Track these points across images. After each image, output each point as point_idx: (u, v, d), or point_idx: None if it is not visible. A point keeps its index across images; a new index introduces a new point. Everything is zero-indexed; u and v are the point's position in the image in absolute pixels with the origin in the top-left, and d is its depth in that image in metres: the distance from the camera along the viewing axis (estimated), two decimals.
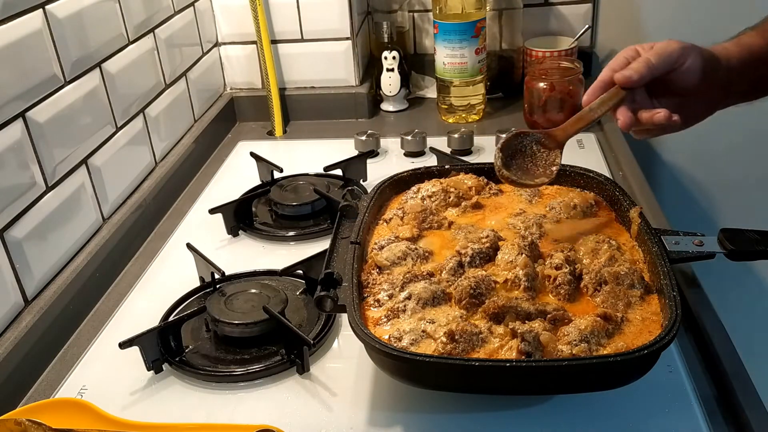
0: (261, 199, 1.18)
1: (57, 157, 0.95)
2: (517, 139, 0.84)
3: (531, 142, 0.85)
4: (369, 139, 1.31)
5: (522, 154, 0.84)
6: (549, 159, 0.84)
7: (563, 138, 0.85)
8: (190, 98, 1.38)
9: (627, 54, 0.84)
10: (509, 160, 0.83)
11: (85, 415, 0.73)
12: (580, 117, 0.85)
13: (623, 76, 0.81)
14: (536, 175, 0.84)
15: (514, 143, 0.84)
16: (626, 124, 0.83)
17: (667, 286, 0.71)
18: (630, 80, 0.81)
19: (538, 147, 0.85)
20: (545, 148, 0.85)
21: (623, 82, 0.82)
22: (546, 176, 0.84)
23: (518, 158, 0.84)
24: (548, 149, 0.85)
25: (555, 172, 0.84)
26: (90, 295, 0.99)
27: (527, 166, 0.84)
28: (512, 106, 1.50)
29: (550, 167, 0.84)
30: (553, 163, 0.84)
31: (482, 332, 0.71)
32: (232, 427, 0.74)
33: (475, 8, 1.35)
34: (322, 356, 0.84)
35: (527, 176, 0.83)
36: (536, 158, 0.84)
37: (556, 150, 0.85)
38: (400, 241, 0.85)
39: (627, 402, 0.74)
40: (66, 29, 0.97)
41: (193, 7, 1.38)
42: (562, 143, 0.85)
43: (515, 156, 0.84)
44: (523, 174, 0.83)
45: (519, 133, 0.85)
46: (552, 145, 0.85)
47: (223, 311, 0.86)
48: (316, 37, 1.46)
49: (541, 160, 0.84)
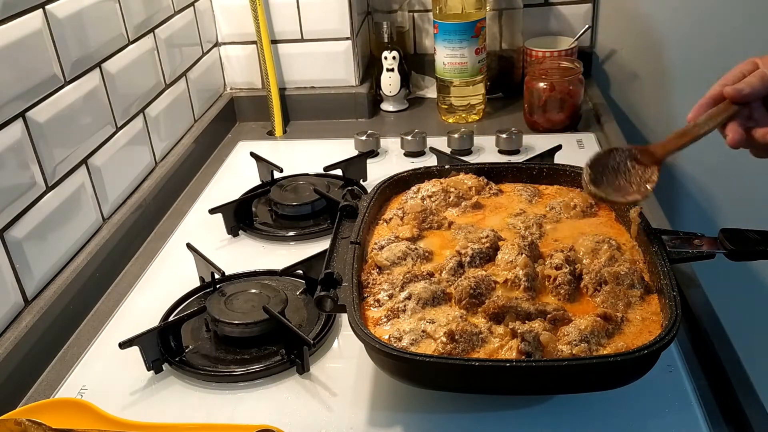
0: (261, 199, 1.18)
1: (57, 157, 0.95)
2: (609, 156, 0.81)
3: (625, 158, 0.80)
4: (369, 139, 1.31)
5: (614, 171, 0.80)
6: (644, 176, 0.79)
7: (662, 154, 0.80)
8: (190, 98, 1.38)
9: (744, 68, 0.79)
10: (599, 176, 0.79)
11: (85, 415, 0.73)
12: (683, 132, 0.79)
13: (734, 90, 0.76)
14: (629, 192, 0.79)
15: (606, 160, 0.80)
16: (735, 141, 0.76)
17: (667, 286, 0.71)
18: (740, 94, 0.76)
19: (633, 164, 0.80)
20: (640, 164, 0.80)
21: (733, 96, 0.76)
22: (639, 193, 0.79)
23: (609, 175, 0.80)
24: (644, 165, 0.80)
25: (650, 190, 0.79)
26: (90, 295, 0.99)
27: (620, 183, 0.80)
28: (512, 106, 1.50)
29: (645, 184, 0.79)
30: (649, 180, 0.79)
31: (482, 332, 0.71)
32: (232, 427, 0.74)
33: (475, 8, 1.35)
34: (322, 356, 0.84)
35: (618, 193, 0.79)
36: (630, 175, 0.80)
37: (653, 166, 0.79)
38: (400, 241, 0.85)
39: (627, 402, 0.74)
40: (66, 29, 0.97)
41: (193, 7, 1.38)
42: (660, 160, 0.80)
43: (606, 172, 0.80)
44: (614, 191, 0.79)
45: (611, 150, 0.81)
46: (648, 161, 0.80)
47: (223, 311, 0.86)
48: (316, 37, 1.46)
49: (636, 176, 0.80)
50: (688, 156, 1.64)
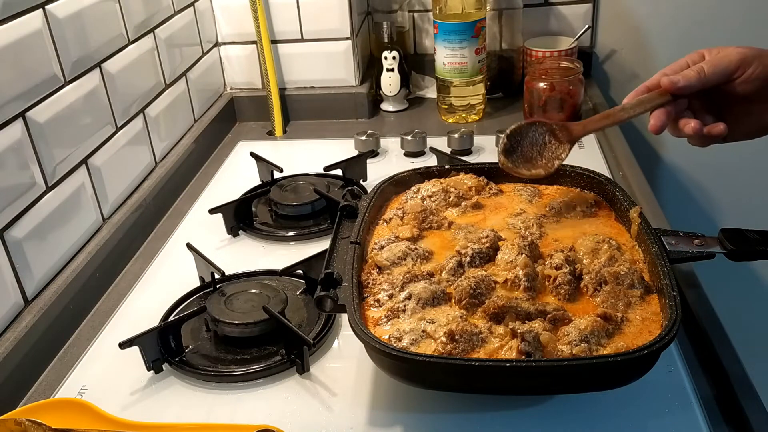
0: (261, 199, 1.18)
1: (57, 157, 0.95)
2: (530, 128, 0.82)
3: (544, 132, 0.82)
4: (369, 139, 1.31)
5: (531, 143, 0.82)
6: (556, 152, 0.82)
7: (579, 133, 0.82)
8: (190, 98, 1.38)
9: (690, 57, 0.80)
10: (515, 146, 0.81)
11: (85, 415, 0.73)
12: (607, 114, 0.81)
13: (669, 81, 0.77)
14: (537, 165, 0.82)
15: (526, 130, 0.82)
16: (656, 126, 0.78)
17: (667, 286, 0.71)
18: (675, 86, 0.77)
19: (550, 138, 0.82)
20: (557, 140, 0.82)
21: (668, 87, 0.77)
22: (544, 168, 0.81)
23: (526, 146, 0.82)
24: (559, 142, 0.82)
25: (556, 167, 0.81)
26: (90, 295, 0.99)
27: (532, 155, 0.82)
28: (512, 106, 1.50)
29: (553, 160, 0.82)
30: (558, 156, 0.82)
31: (482, 332, 0.71)
32: (232, 427, 0.74)
33: (475, 8, 1.35)
34: (322, 356, 0.84)
35: (526, 165, 0.81)
36: (544, 149, 0.82)
37: (566, 144, 0.82)
38: (400, 241, 0.85)
39: (627, 402, 0.74)
40: (66, 29, 0.97)
41: (193, 7, 1.38)
42: (575, 138, 0.82)
43: (523, 143, 0.82)
44: (523, 163, 0.81)
45: (533, 122, 0.82)
46: (564, 138, 0.82)
47: (223, 311, 0.86)
48: (316, 37, 1.46)
49: (548, 151, 0.82)
50: (688, 156, 1.64)
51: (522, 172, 0.82)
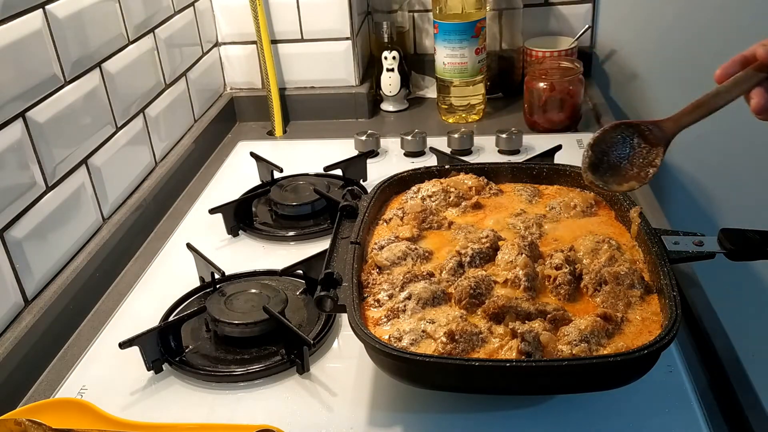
0: (261, 199, 1.18)
1: (57, 157, 0.95)
2: (615, 132, 0.72)
3: (632, 134, 0.72)
4: (369, 139, 1.31)
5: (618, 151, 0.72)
6: (648, 158, 0.71)
7: (672, 131, 0.71)
8: (190, 98, 1.38)
9: None
10: (602, 158, 0.71)
11: (85, 415, 0.73)
12: (699, 104, 0.69)
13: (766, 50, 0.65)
14: (628, 177, 0.72)
15: (611, 137, 0.72)
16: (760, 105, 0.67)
17: (667, 286, 0.71)
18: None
19: (639, 141, 0.71)
20: (647, 143, 0.71)
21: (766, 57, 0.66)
22: (638, 180, 0.71)
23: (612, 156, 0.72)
24: (650, 145, 0.71)
25: (651, 176, 0.71)
26: (90, 295, 0.99)
27: (620, 164, 0.72)
28: (512, 106, 1.50)
29: (646, 168, 0.71)
30: (651, 163, 0.71)
31: (482, 332, 0.71)
32: (232, 427, 0.74)
33: (475, 8, 1.35)
34: (322, 356, 0.84)
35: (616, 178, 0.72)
36: (633, 155, 0.72)
37: (658, 147, 0.71)
38: (400, 241, 0.85)
39: (627, 402, 0.74)
40: (66, 29, 0.97)
41: (193, 7, 1.38)
42: (669, 138, 0.71)
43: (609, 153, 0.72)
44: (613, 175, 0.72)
45: (618, 125, 0.72)
46: (655, 139, 0.71)
47: (223, 311, 0.86)
48: (316, 37, 1.46)
49: (639, 157, 0.71)
50: (688, 156, 1.64)
51: (614, 188, 0.72)
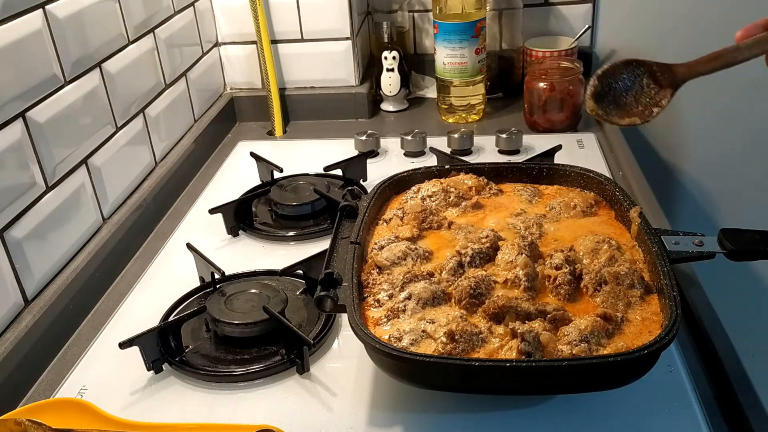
0: (261, 199, 1.18)
1: (57, 157, 0.95)
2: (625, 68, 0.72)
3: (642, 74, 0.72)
4: (369, 139, 1.31)
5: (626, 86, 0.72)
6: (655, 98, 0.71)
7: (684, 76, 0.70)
8: (190, 98, 1.38)
9: None
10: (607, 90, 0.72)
11: (85, 415, 0.73)
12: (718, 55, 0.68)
13: None
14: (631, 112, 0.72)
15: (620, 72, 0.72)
16: None
17: (667, 286, 0.71)
18: None
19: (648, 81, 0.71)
20: (656, 84, 0.71)
21: None
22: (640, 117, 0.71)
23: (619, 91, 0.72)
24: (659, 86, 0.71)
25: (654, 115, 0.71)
26: (90, 295, 0.99)
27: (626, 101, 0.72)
28: (512, 106, 1.51)
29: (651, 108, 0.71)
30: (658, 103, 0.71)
31: (482, 332, 0.71)
32: (232, 427, 0.74)
33: (475, 8, 1.35)
34: (322, 356, 0.84)
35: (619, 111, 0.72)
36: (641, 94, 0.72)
37: (667, 89, 0.71)
38: (400, 241, 0.85)
39: (627, 402, 0.74)
40: (66, 29, 0.97)
41: (193, 7, 1.38)
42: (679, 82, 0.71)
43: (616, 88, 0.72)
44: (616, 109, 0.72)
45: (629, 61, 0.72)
46: (665, 81, 0.71)
47: (223, 311, 0.86)
48: (316, 37, 1.46)
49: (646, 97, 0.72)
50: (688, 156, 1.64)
51: (614, 120, 0.72)
